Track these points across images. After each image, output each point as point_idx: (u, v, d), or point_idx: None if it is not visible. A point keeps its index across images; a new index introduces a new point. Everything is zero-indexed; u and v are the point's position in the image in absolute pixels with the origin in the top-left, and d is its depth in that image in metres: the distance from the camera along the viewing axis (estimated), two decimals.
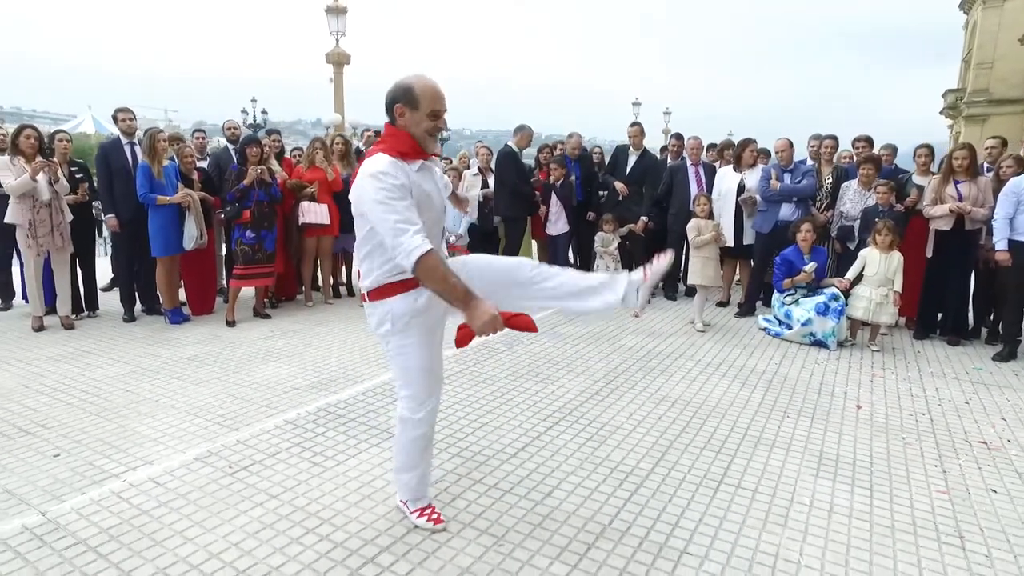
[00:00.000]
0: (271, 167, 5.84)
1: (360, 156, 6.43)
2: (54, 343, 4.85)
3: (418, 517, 2.48)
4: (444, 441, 3.26)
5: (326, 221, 6.18)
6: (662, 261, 2.43)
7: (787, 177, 5.93)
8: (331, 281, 6.83)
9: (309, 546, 2.34)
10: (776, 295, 5.62)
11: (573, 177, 6.87)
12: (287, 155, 6.85)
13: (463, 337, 2.25)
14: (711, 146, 7.85)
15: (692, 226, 5.69)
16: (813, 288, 5.47)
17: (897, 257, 5.21)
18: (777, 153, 6.03)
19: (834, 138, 6.20)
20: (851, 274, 5.37)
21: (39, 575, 2.16)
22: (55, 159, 5.16)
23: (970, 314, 5.57)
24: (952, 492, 2.90)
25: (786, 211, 5.90)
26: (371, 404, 3.73)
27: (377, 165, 2.12)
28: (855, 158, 6.31)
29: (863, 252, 5.36)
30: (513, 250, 6.81)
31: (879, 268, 5.19)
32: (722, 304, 6.66)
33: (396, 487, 2.58)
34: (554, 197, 6.75)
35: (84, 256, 5.63)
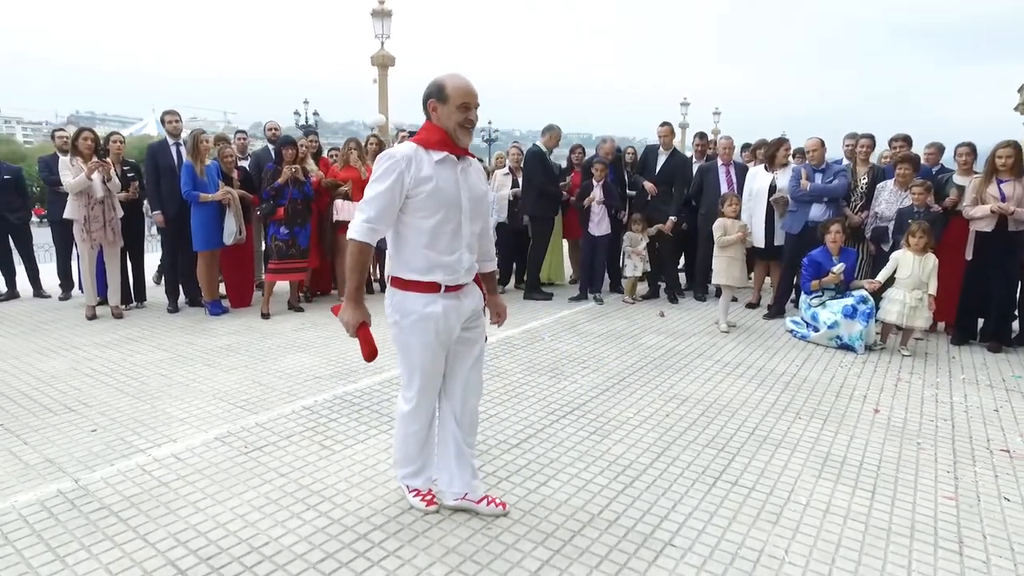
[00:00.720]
0: (306, 166, 6.09)
1: None
2: (103, 331, 5.20)
3: (414, 496, 2.59)
4: None
5: None
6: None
7: (818, 177, 5.81)
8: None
9: (308, 521, 2.48)
10: (803, 297, 5.52)
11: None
12: (325, 155, 7.11)
13: (337, 310, 2.34)
14: (745, 146, 7.74)
15: (718, 225, 5.64)
16: (842, 290, 5.35)
17: (932, 260, 5.05)
18: (808, 153, 5.90)
19: (870, 137, 6.04)
20: (882, 276, 5.24)
21: (67, 533, 2.37)
22: (109, 159, 5.52)
23: (1016, 320, 5.34)
24: (960, 499, 2.83)
25: (816, 211, 5.78)
26: (386, 393, 3.88)
27: (393, 148, 2.30)
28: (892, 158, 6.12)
29: (895, 254, 5.21)
30: (541, 249, 6.88)
31: (912, 271, 5.04)
32: (752, 305, 6.57)
33: (395, 471, 2.68)
34: (598, 195, 6.71)
35: (133, 250, 6.00)
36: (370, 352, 2.29)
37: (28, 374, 4.13)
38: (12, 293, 6.39)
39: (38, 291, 6.49)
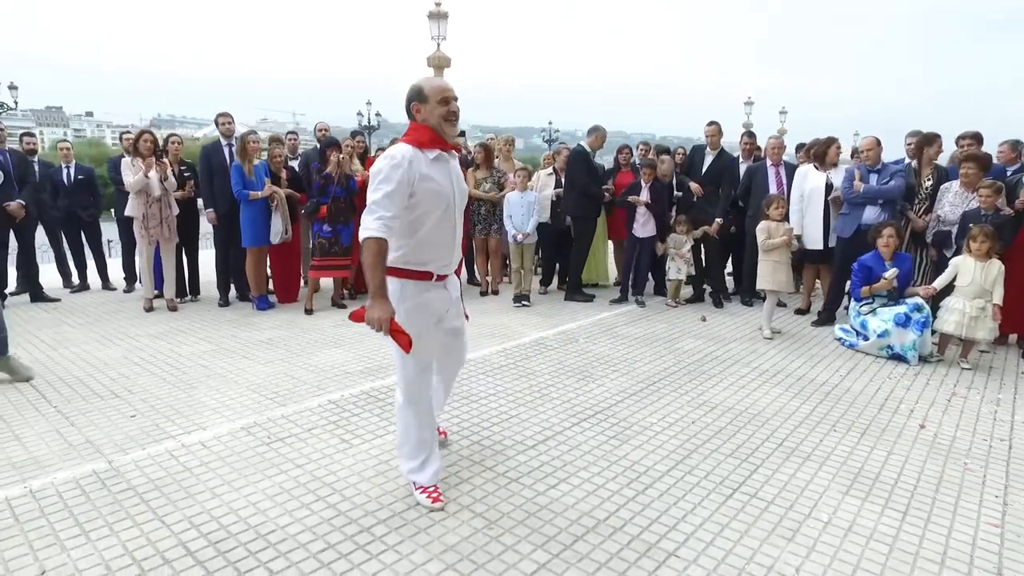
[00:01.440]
0: (352, 166, 6.25)
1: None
2: (157, 322, 5.49)
3: (420, 493, 2.62)
4: (468, 429, 3.39)
5: None
6: None
7: (873, 178, 5.51)
8: None
9: (316, 512, 2.54)
10: (852, 304, 5.25)
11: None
12: (372, 155, 7.27)
13: (357, 316, 2.38)
14: (800, 146, 7.44)
15: (762, 228, 5.43)
16: (895, 297, 5.06)
17: (996, 266, 4.70)
18: (862, 152, 5.61)
19: (935, 136, 5.67)
20: (939, 283, 4.91)
21: (95, 510, 2.52)
22: (166, 160, 5.82)
23: None
24: (1007, 527, 2.62)
25: (870, 214, 5.48)
26: None
27: (392, 150, 2.39)
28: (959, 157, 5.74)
29: (955, 260, 4.88)
30: (583, 250, 6.81)
31: (974, 278, 4.71)
32: (801, 312, 6.30)
33: (402, 467, 2.72)
34: (646, 196, 6.59)
35: (189, 246, 6.31)
36: (409, 342, 2.34)
37: (85, 361, 4.41)
38: (83, 285, 6.85)
39: (106, 284, 6.92)
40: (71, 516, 2.49)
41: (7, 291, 6.20)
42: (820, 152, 5.94)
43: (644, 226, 6.30)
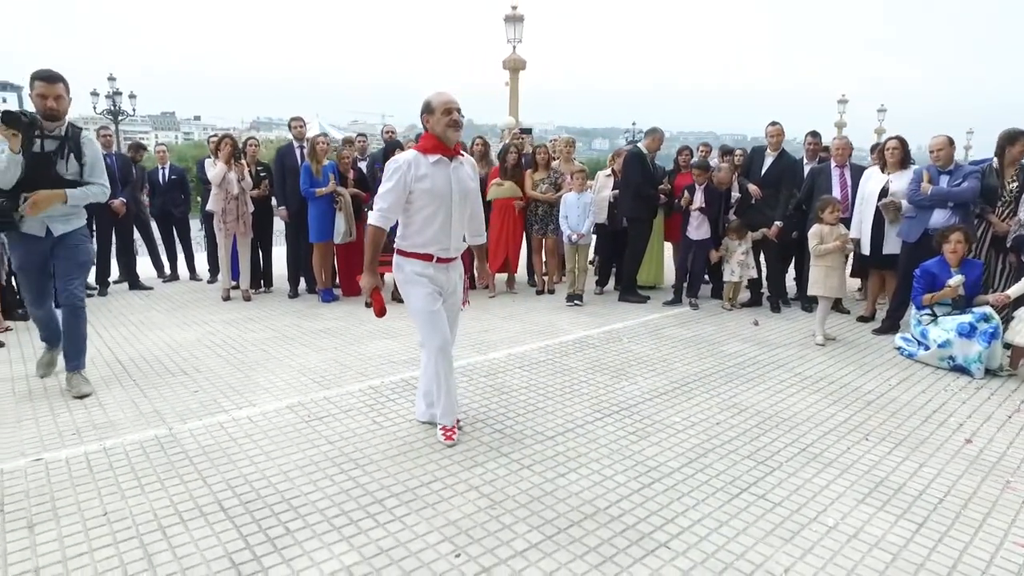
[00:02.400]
0: None
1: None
2: (231, 310, 6.01)
3: (440, 431, 3.19)
4: (493, 418, 3.55)
5: None
6: None
7: (944, 180, 5.22)
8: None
9: (338, 483, 2.78)
10: (913, 311, 4.99)
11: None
12: None
13: (377, 301, 3.06)
14: (874, 148, 7.11)
15: (814, 232, 5.26)
16: (962, 307, 4.77)
17: None
18: (932, 153, 5.32)
19: (1019, 133, 5.28)
20: (1014, 291, 4.60)
21: (151, 469, 2.88)
22: (244, 161, 6.35)
23: None
24: None
25: (939, 218, 5.18)
26: None
27: (398, 155, 2.95)
28: None
29: None
30: (637, 251, 6.81)
31: None
32: (864, 319, 6.04)
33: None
34: (699, 199, 6.54)
35: (263, 241, 6.83)
36: (380, 310, 3.04)
37: (165, 343, 4.92)
38: (174, 275, 7.56)
39: (193, 275, 7.60)
40: (132, 471, 2.86)
41: (110, 279, 6.95)
42: (881, 151, 5.68)
43: (697, 228, 6.24)
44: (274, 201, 6.67)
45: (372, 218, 2.95)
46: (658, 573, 2.24)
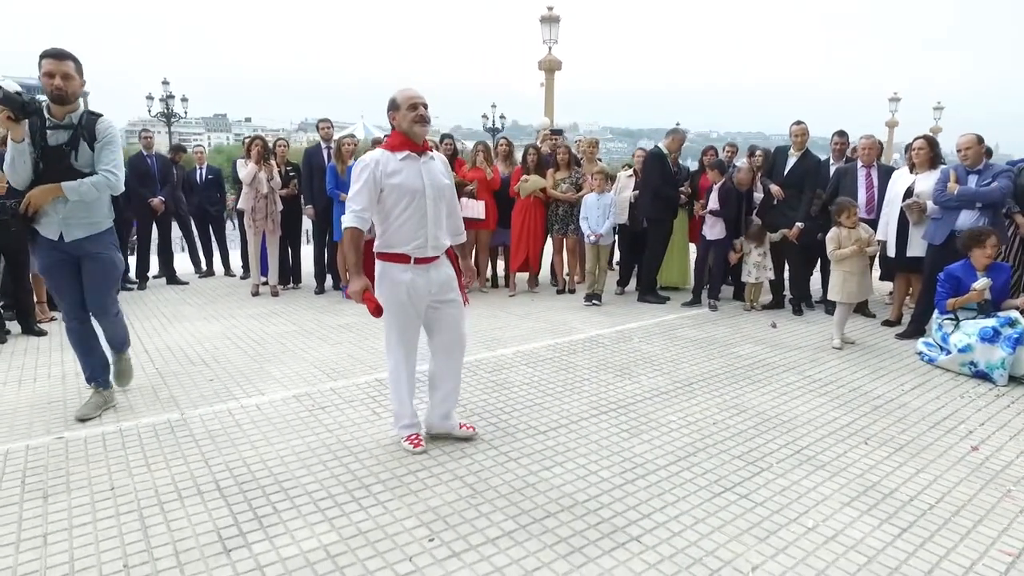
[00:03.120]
0: None
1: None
2: (257, 305, 6.26)
3: (405, 442, 3.10)
4: (490, 413, 3.63)
5: (481, 216, 6.87)
6: None
7: (972, 180, 5.04)
8: (488, 271, 7.52)
9: (329, 469, 2.91)
10: (935, 315, 4.85)
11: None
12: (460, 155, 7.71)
13: (369, 302, 2.92)
14: (907, 147, 6.88)
15: (831, 237, 5.12)
16: (988, 311, 4.61)
17: None
18: (960, 152, 5.15)
19: None
20: None
21: (159, 449, 3.07)
22: (273, 161, 6.60)
23: None
24: (1023, 556, 2.43)
25: (967, 219, 5.00)
26: None
27: (364, 155, 2.94)
28: None
29: None
30: (657, 251, 6.79)
31: None
32: (890, 323, 5.87)
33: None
34: (713, 200, 6.50)
35: (292, 239, 7.08)
36: (376, 308, 2.92)
37: (191, 334, 5.18)
38: (209, 271, 7.90)
39: (227, 271, 7.93)
40: (142, 451, 3.05)
41: (149, 274, 7.31)
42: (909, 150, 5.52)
43: (712, 228, 6.19)
44: (303, 200, 6.90)
45: (346, 220, 2.85)
46: (625, 565, 2.28)
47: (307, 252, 7.44)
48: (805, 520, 2.59)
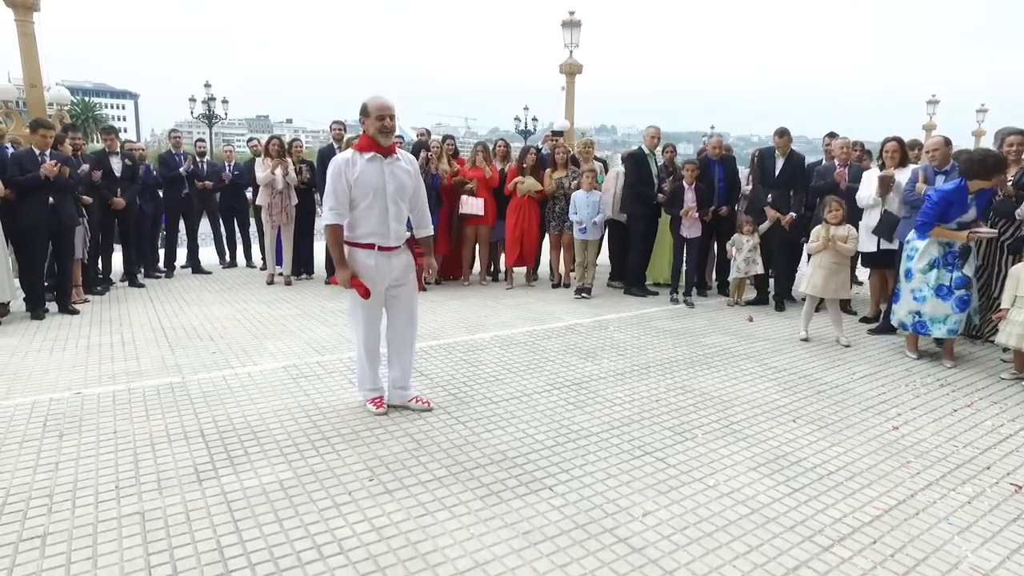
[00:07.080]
0: (440, 166, 7.15)
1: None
2: (270, 292, 6.79)
3: (368, 403, 3.52)
4: (453, 386, 4.02)
5: (480, 212, 7.28)
6: None
7: (940, 180, 5.21)
8: (488, 265, 7.91)
9: (299, 424, 3.35)
10: (912, 238, 4.80)
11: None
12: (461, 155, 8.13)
13: (334, 280, 3.24)
14: (881, 148, 7.04)
15: (814, 232, 5.37)
16: (967, 257, 4.61)
17: None
18: (928, 153, 5.33)
19: (1010, 133, 5.22)
20: (1006, 301, 4.51)
21: (160, 406, 3.56)
22: (289, 159, 7.13)
23: None
24: (891, 513, 2.67)
25: None
26: (431, 355, 4.64)
27: (336, 156, 3.33)
28: None
29: (1014, 269, 4.54)
30: (640, 247, 7.09)
31: None
32: (867, 320, 6.05)
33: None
34: (690, 198, 6.77)
35: (305, 233, 7.61)
36: (365, 291, 3.32)
37: (204, 315, 5.72)
38: (233, 263, 8.50)
39: (249, 262, 8.52)
40: (144, 406, 3.54)
41: (176, 264, 7.94)
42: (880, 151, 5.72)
43: (689, 228, 6.47)
44: (317, 196, 7.40)
45: (325, 218, 3.26)
46: (532, 507, 2.64)
47: (319, 245, 7.95)
48: (708, 480, 2.91)
